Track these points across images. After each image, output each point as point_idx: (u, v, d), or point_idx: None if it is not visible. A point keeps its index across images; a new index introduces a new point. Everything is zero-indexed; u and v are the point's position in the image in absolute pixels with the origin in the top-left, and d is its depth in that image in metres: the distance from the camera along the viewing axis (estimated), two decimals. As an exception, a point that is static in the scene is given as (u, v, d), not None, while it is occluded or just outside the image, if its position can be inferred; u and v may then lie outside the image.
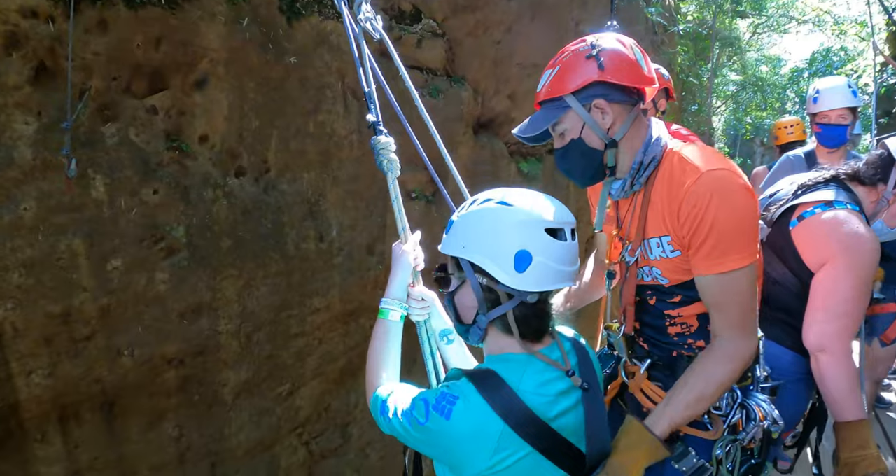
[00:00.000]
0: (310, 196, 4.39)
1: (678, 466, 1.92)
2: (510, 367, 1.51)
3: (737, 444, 1.96)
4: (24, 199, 3.10)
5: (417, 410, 1.47)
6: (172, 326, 3.91)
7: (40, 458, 3.58)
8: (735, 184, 1.71)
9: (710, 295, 1.81)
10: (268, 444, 4.93)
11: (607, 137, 1.85)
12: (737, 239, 1.72)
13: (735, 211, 1.70)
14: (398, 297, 1.87)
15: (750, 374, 2.02)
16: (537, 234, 1.50)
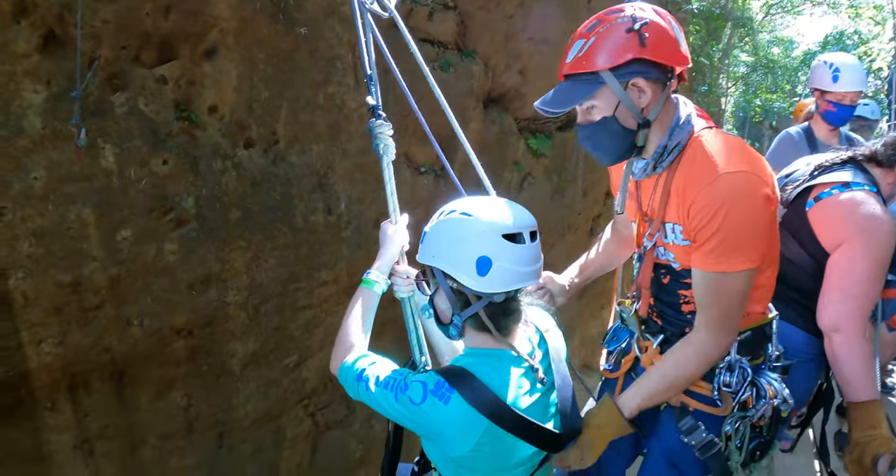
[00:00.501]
0: (318, 168, 4.36)
1: (687, 440, 1.99)
2: (490, 363, 1.69)
3: (746, 420, 1.98)
4: (34, 169, 3.08)
5: (413, 391, 1.61)
6: (181, 297, 3.92)
7: (50, 426, 3.62)
8: (751, 190, 1.67)
9: (700, 290, 1.83)
10: (274, 415, 4.97)
11: (641, 117, 1.79)
12: (742, 244, 1.70)
13: (746, 218, 1.68)
14: (383, 272, 2.00)
15: (762, 353, 2.03)
16: (495, 241, 1.61)
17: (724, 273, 1.73)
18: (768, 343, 2.03)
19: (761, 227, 1.71)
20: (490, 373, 1.65)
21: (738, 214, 1.66)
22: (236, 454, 4.81)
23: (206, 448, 4.57)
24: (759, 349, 2.01)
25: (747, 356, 1.97)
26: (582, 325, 8.77)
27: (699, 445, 1.97)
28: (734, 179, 1.66)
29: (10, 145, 2.98)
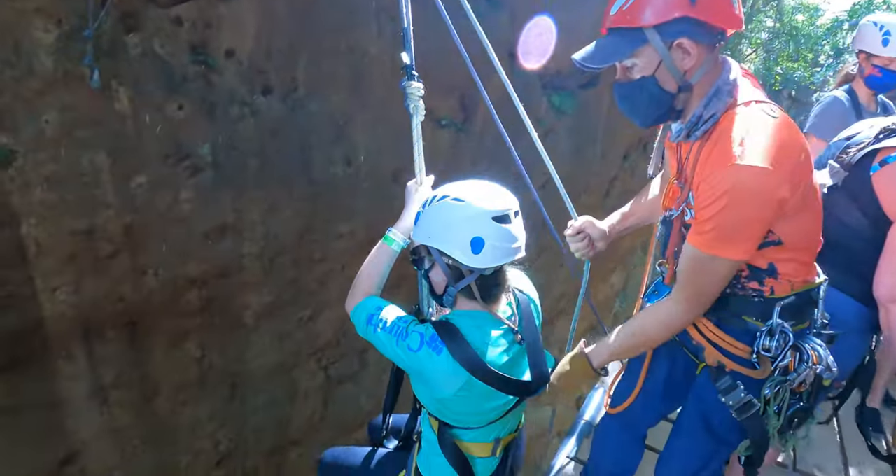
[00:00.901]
0: (338, 118, 4.20)
1: (725, 400, 1.95)
2: (475, 324, 1.92)
3: (786, 385, 1.92)
4: (46, 111, 2.94)
5: (412, 340, 1.85)
6: (196, 247, 3.82)
7: (65, 375, 3.57)
8: (759, 188, 1.59)
9: (685, 264, 1.81)
10: (287, 368, 4.95)
11: (683, 80, 1.71)
12: (738, 236, 1.68)
13: (745, 215, 1.64)
14: (404, 232, 2.14)
15: (808, 318, 1.94)
16: (487, 223, 1.81)
17: (713, 256, 1.71)
18: (814, 308, 1.95)
19: (761, 224, 1.68)
20: (474, 332, 1.88)
21: (738, 209, 1.62)
22: (249, 406, 4.79)
23: (218, 399, 4.56)
24: (804, 314, 1.92)
25: (791, 321, 1.88)
26: (593, 287, 8.70)
27: (737, 406, 1.94)
28: (745, 173, 1.57)
29: (20, 86, 2.84)
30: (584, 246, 2.47)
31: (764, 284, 1.85)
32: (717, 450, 2.21)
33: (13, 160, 2.90)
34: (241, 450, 4.95)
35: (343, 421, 5.79)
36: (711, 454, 2.23)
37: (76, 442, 3.83)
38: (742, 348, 1.93)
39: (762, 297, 1.86)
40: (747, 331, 1.91)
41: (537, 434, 9.08)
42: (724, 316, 1.95)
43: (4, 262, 3.06)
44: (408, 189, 2.29)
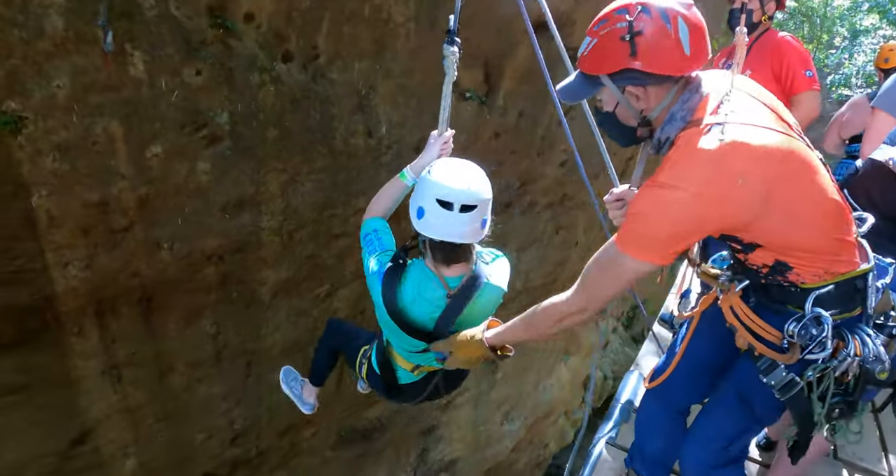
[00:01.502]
0: (360, 88, 4.01)
1: (766, 380, 1.92)
2: (421, 275, 2.23)
3: (829, 372, 1.87)
4: (57, 76, 2.76)
5: (371, 263, 2.27)
6: (213, 220, 3.67)
7: (77, 351, 3.45)
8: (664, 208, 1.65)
9: (595, 255, 1.84)
10: (303, 345, 4.83)
11: (641, 117, 1.83)
12: (644, 240, 1.70)
13: (650, 225, 1.68)
14: (416, 171, 2.46)
15: (856, 306, 1.86)
16: (431, 201, 2.07)
17: (619, 252, 1.74)
18: (861, 296, 1.86)
19: (669, 238, 1.68)
20: (415, 281, 2.22)
21: (648, 220, 1.67)
22: (264, 383, 4.69)
23: (234, 376, 4.45)
24: (849, 303, 1.84)
25: (834, 309, 1.81)
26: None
27: (779, 385, 1.89)
28: (654, 192, 1.66)
29: (29, 48, 2.64)
30: (623, 214, 2.41)
31: (788, 277, 1.81)
32: (749, 427, 2.23)
33: (23, 127, 2.72)
34: (256, 428, 4.87)
35: (356, 399, 5.70)
36: (742, 431, 2.24)
37: (89, 420, 3.73)
38: (774, 333, 1.90)
39: (796, 287, 1.82)
40: (784, 317, 1.85)
41: (545, 413, 9.07)
42: (765, 302, 1.92)
43: (15, 235, 2.91)
44: (431, 136, 2.60)
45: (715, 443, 2.27)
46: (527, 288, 7.18)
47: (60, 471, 3.75)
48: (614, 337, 10.49)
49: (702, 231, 1.71)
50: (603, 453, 3.24)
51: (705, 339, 2.35)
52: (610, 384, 10.39)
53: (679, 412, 2.63)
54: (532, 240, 6.68)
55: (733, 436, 2.24)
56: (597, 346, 9.42)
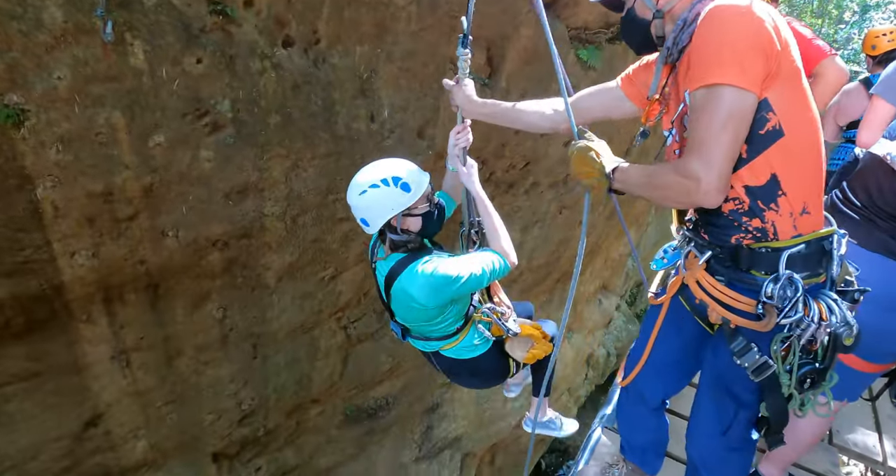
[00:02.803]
0: (361, 72, 3.99)
1: (740, 362, 1.91)
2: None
3: (794, 340, 1.84)
4: (58, 67, 2.76)
5: None
6: (217, 207, 3.69)
7: (86, 338, 3.50)
8: (733, 10, 1.62)
9: (691, 116, 1.72)
10: (308, 327, 4.88)
11: (654, 7, 1.85)
12: (722, 55, 1.61)
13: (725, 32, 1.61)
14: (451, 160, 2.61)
15: (822, 271, 1.85)
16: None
17: (706, 88, 1.63)
18: (828, 260, 1.85)
19: (747, 47, 1.60)
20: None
21: (724, 31, 1.61)
22: (270, 365, 4.75)
23: (241, 359, 4.51)
24: (816, 266, 1.84)
25: (802, 273, 1.80)
26: (607, 246, 8.59)
27: (752, 367, 1.90)
28: (720, 5, 1.64)
29: (29, 41, 2.64)
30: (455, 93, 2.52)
31: (765, 220, 1.77)
32: (737, 412, 2.17)
33: (25, 120, 2.74)
34: (263, 408, 4.94)
35: (362, 379, 5.78)
36: (733, 416, 2.19)
37: (100, 404, 3.80)
38: (747, 302, 1.87)
39: (769, 247, 1.80)
40: (754, 285, 1.84)
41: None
42: (734, 276, 1.90)
43: (21, 226, 2.94)
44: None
45: (712, 434, 2.28)
46: (530, 267, 7.21)
47: (73, 453, 3.83)
48: (618, 314, 10.54)
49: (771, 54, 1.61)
50: (601, 438, 3.29)
51: (672, 329, 2.35)
52: (613, 361, 10.47)
53: (656, 407, 2.65)
54: (535, 219, 6.68)
55: (726, 423, 2.22)
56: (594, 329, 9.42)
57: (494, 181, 5.73)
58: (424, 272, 2.27)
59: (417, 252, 2.39)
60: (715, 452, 2.35)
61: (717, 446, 2.31)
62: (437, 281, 2.26)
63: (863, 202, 2.24)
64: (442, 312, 2.46)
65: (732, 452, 2.31)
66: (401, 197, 2.26)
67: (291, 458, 5.60)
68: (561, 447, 11.25)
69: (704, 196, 1.64)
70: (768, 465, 3.02)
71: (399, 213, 2.28)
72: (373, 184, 2.27)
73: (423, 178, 2.36)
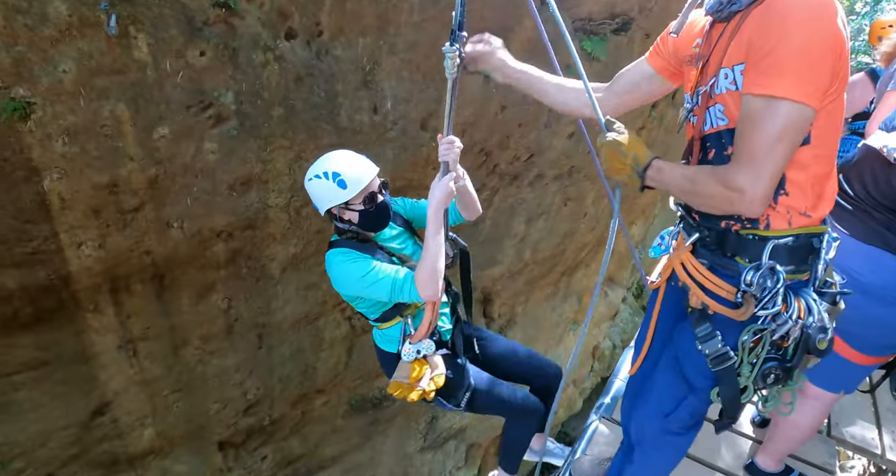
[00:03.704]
0: (364, 64, 4.01)
1: (701, 348, 1.88)
2: None
3: (766, 334, 1.81)
4: (63, 61, 2.80)
5: None
6: (221, 199, 3.73)
7: (94, 328, 3.56)
8: (821, 12, 1.47)
9: (741, 121, 1.61)
10: (312, 318, 4.93)
11: None
12: (794, 68, 1.49)
13: (805, 41, 1.47)
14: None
15: (807, 269, 1.80)
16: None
17: (767, 98, 1.52)
18: (815, 258, 1.79)
19: (819, 56, 1.48)
20: None
21: (800, 34, 1.47)
22: (275, 355, 4.80)
23: (246, 349, 4.56)
24: (802, 261, 1.79)
25: (787, 266, 1.76)
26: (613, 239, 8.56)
27: (712, 355, 1.87)
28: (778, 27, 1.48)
29: (34, 35, 2.68)
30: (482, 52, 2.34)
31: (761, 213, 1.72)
32: (686, 396, 2.14)
33: (32, 113, 2.78)
34: (269, 398, 5.00)
35: (366, 370, 5.82)
36: (680, 400, 2.16)
37: (107, 393, 3.86)
38: (728, 289, 1.83)
39: (756, 235, 1.76)
40: (736, 272, 1.80)
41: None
42: (717, 261, 1.87)
43: (29, 218, 2.99)
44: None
45: (655, 413, 2.26)
46: (535, 259, 7.23)
47: (82, 441, 3.89)
48: (624, 307, 10.54)
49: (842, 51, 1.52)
50: (599, 428, 3.31)
51: (670, 316, 2.31)
52: (619, 353, 10.49)
53: None
54: (540, 212, 6.70)
55: (672, 405, 2.19)
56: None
57: (499, 173, 5.74)
58: (333, 262, 2.39)
59: (356, 242, 2.47)
60: (652, 432, 2.32)
61: (656, 426, 2.28)
62: (339, 274, 2.37)
63: (858, 194, 2.24)
64: (353, 301, 2.52)
65: (669, 436, 2.28)
66: (337, 192, 2.34)
67: (297, 448, 5.66)
68: (566, 439, 11.29)
69: (749, 206, 1.60)
70: (765, 456, 3.04)
71: (336, 206, 2.38)
72: (315, 174, 2.37)
73: (363, 177, 2.38)
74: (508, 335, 7.69)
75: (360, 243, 2.46)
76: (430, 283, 2.32)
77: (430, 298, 2.37)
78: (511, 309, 7.61)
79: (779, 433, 2.91)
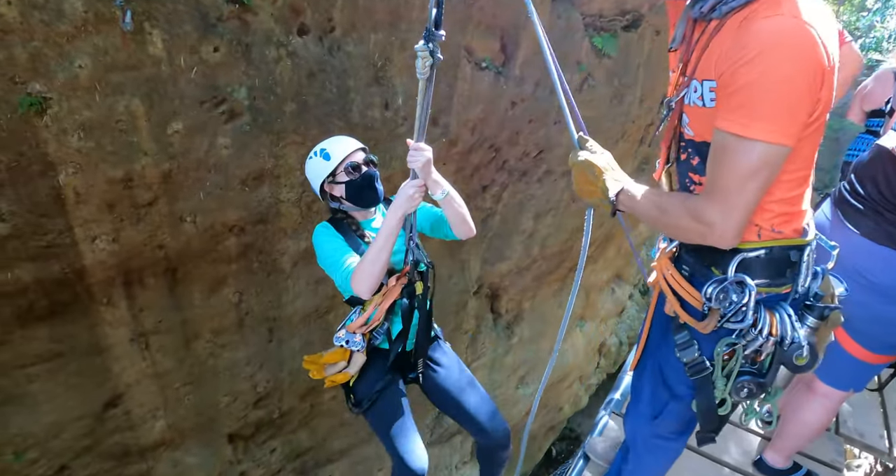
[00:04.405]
0: (376, 60, 4.02)
1: (680, 356, 1.90)
2: None
3: (739, 348, 1.80)
4: (78, 56, 2.82)
5: None
6: (234, 193, 3.75)
7: (107, 320, 3.59)
8: (800, 46, 1.38)
9: (712, 153, 1.57)
10: (322, 312, 4.95)
11: None
12: (770, 107, 1.42)
13: (780, 78, 1.39)
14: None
15: (787, 282, 1.75)
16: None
17: (738, 137, 1.46)
18: (793, 271, 1.74)
19: (798, 97, 1.41)
20: None
21: (776, 72, 1.39)
22: (285, 348, 4.84)
23: (256, 343, 4.59)
24: (777, 275, 1.74)
25: (760, 279, 1.72)
26: (620, 235, 8.58)
27: (690, 363, 1.88)
28: (787, 25, 1.39)
29: (50, 30, 2.70)
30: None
31: None
32: (668, 402, 2.15)
33: (48, 108, 2.80)
34: (278, 391, 5.03)
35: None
36: (664, 405, 2.17)
37: (120, 385, 3.89)
38: (696, 297, 1.81)
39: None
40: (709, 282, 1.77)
41: (560, 378, 9.20)
42: (696, 270, 1.85)
43: (44, 212, 3.02)
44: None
45: (644, 417, 2.27)
46: (543, 255, 7.25)
47: (94, 432, 3.93)
48: (631, 303, 10.54)
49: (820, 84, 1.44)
50: (609, 423, 3.33)
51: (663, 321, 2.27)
52: (625, 350, 10.49)
53: None
54: (549, 207, 6.71)
55: (656, 409, 2.21)
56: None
57: (508, 169, 5.75)
58: (314, 235, 2.63)
59: (344, 224, 2.64)
60: (643, 435, 2.35)
61: (646, 430, 2.31)
62: (315, 247, 2.63)
63: (870, 194, 2.25)
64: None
65: (659, 440, 2.30)
66: (322, 165, 2.57)
67: (305, 441, 5.70)
68: (572, 435, 11.32)
69: (720, 240, 1.57)
70: (773, 453, 3.05)
71: (325, 181, 2.58)
72: (308, 157, 2.64)
73: (345, 148, 2.59)
74: (515, 331, 7.72)
75: (347, 226, 2.60)
76: (362, 279, 2.35)
77: (361, 294, 2.40)
78: (518, 304, 7.63)
79: (787, 430, 2.93)
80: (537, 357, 8.21)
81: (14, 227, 2.96)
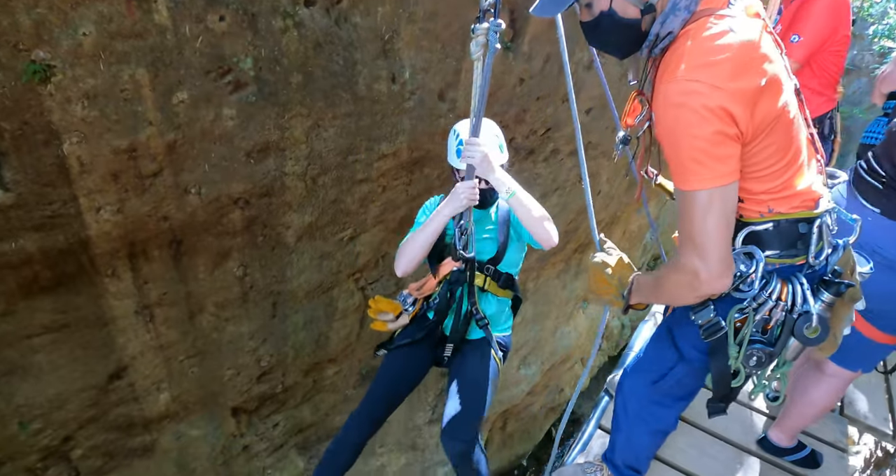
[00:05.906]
0: (383, 33, 3.96)
1: (695, 317, 1.91)
2: None
3: (750, 313, 1.83)
4: (83, 24, 2.77)
5: None
6: (239, 165, 3.72)
7: (112, 292, 3.58)
8: (695, 104, 1.48)
9: (676, 204, 1.68)
10: (326, 287, 4.94)
11: (643, 2, 1.64)
12: (693, 160, 1.54)
13: (689, 135, 1.51)
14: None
15: (800, 254, 1.79)
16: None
17: (682, 191, 1.61)
18: (804, 243, 1.78)
19: (716, 139, 1.50)
20: None
21: (684, 129, 1.52)
22: (289, 323, 4.84)
23: (260, 317, 4.59)
24: (788, 246, 1.78)
25: (772, 250, 1.77)
26: (626, 218, 8.55)
27: (705, 325, 1.89)
28: (683, 90, 1.50)
29: (56, -5, 2.66)
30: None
31: None
32: (675, 365, 2.17)
33: (52, 76, 2.76)
34: (282, 366, 5.04)
35: (378, 340, 5.83)
36: (670, 367, 2.18)
37: (125, 357, 3.90)
38: None
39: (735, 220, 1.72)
40: None
41: (562, 359, 9.22)
42: None
43: (48, 182, 2.99)
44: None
45: (644, 381, 2.28)
46: (548, 234, 7.21)
47: (99, 404, 3.95)
48: (634, 283, 10.52)
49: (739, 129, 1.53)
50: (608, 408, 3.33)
51: None
52: (626, 333, 10.50)
53: None
54: (555, 187, 6.66)
55: (660, 372, 2.22)
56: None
57: (514, 147, 5.70)
58: None
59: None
60: (639, 399, 2.34)
61: (643, 394, 2.31)
62: None
63: (888, 172, 2.22)
64: None
65: (654, 406, 2.30)
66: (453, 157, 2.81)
67: (308, 416, 5.72)
68: (573, 417, 11.36)
69: (709, 286, 1.65)
70: (778, 431, 3.05)
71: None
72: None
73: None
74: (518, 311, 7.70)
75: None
76: (398, 256, 2.71)
77: (396, 269, 2.72)
78: (522, 285, 7.62)
79: (793, 409, 2.93)
80: (540, 337, 8.22)
81: (18, 196, 2.94)
